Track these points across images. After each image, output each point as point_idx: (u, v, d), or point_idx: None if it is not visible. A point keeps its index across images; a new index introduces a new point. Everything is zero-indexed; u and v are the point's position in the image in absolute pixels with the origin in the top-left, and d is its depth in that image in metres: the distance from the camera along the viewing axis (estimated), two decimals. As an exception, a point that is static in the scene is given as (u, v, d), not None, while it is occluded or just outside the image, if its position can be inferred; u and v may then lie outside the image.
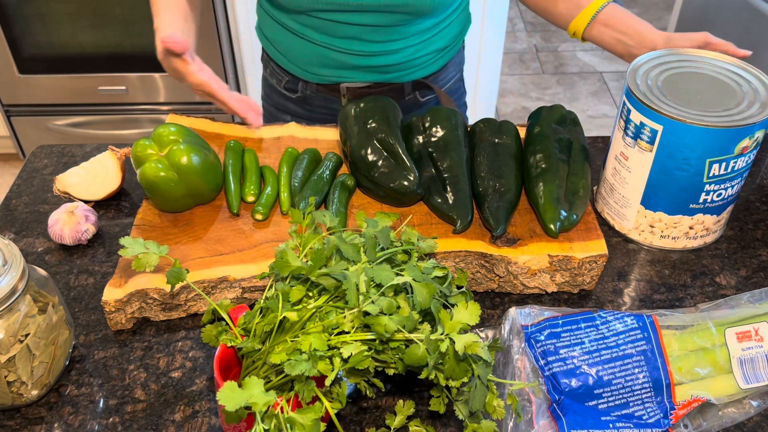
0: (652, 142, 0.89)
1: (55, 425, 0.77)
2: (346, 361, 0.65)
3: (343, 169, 1.02)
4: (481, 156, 0.97)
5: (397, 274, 0.69)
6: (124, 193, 1.06)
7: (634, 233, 0.98)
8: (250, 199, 0.95)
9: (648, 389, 0.74)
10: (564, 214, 0.89)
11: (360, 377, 0.70)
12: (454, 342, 0.64)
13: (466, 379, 0.66)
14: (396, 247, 0.74)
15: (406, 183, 0.92)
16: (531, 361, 0.76)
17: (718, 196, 0.92)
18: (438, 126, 0.98)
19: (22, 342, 0.73)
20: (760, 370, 0.76)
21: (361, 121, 0.98)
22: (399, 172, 0.93)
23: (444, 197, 0.92)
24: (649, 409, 0.73)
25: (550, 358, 0.75)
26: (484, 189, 0.93)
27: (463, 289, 0.75)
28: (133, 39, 2.35)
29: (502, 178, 0.93)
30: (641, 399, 0.74)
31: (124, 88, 2.47)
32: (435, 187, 0.93)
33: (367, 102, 1.01)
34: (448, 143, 0.97)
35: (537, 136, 0.99)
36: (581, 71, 3.33)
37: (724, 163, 0.88)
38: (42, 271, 0.79)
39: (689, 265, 0.96)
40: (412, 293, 0.68)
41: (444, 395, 0.71)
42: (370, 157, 0.95)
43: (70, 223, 0.94)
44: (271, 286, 0.72)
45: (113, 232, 0.99)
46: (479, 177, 0.94)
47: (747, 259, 0.97)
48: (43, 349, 0.76)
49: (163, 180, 0.89)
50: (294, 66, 1.20)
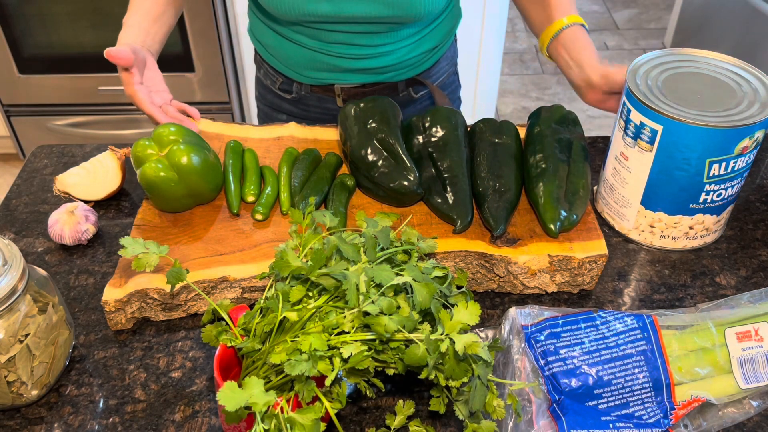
0: (652, 142, 0.89)
1: (55, 425, 0.77)
2: (346, 361, 0.65)
3: (343, 169, 1.02)
4: (481, 156, 0.97)
5: (397, 274, 0.69)
6: (124, 193, 1.06)
7: (634, 233, 0.98)
8: (250, 199, 0.95)
9: (648, 389, 0.74)
10: (564, 214, 0.89)
11: (360, 377, 0.70)
12: (454, 342, 0.64)
13: (466, 379, 0.66)
14: (396, 247, 0.74)
15: (406, 183, 0.92)
16: (531, 361, 0.76)
17: (718, 196, 0.92)
18: (438, 126, 0.98)
19: (22, 342, 0.73)
20: (760, 370, 0.76)
21: (361, 121, 0.98)
22: (399, 172, 0.93)
23: (444, 197, 0.92)
24: (649, 409, 0.73)
25: (550, 358, 0.75)
26: (484, 189, 0.93)
27: (463, 289, 0.75)
28: (133, 39, 2.35)
29: (501, 178, 0.93)
30: (641, 399, 0.74)
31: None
32: (435, 187, 0.93)
33: (366, 102, 1.01)
34: (448, 143, 0.97)
35: (537, 136, 0.99)
36: (581, 71, 3.32)
37: (724, 163, 0.88)
38: (42, 271, 0.79)
39: (689, 265, 0.96)
40: (412, 293, 0.68)
41: (444, 395, 0.71)
42: (370, 157, 0.95)
43: (70, 223, 0.94)
44: (271, 286, 0.72)
45: (113, 232, 0.99)
46: (479, 177, 0.94)
47: (747, 259, 0.97)
48: (43, 349, 0.76)
49: (163, 180, 0.89)
50: (287, 69, 1.20)
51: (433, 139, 0.97)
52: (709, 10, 2.92)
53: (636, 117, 0.90)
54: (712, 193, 0.91)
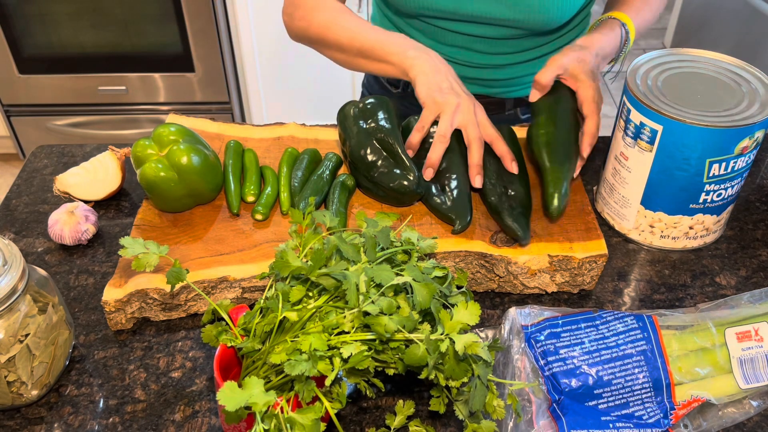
0: (652, 142, 0.89)
1: (55, 425, 0.77)
2: (346, 361, 0.65)
3: (343, 169, 1.02)
4: (487, 162, 0.96)
5: (397, 274, 0.69)
6: (124, 193, 1.06)
7: (634, 233, 0.98)
8: (250, 199, 0.95)
9: (648, 389, 0.74)
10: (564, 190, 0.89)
11: (360, 377, 0.70)
12: (454, 342, 0.64)
13: (466, 379, 0.66)
14: (396, 247, 0.74)
15: (405, 183, 0.92)
16: (531, 361, 0.76)
17: (718, 196, 0.92)
18: (436, 126, 0.98)
19: (22, 342, 0.73)
20: (760, 370, 0.76)
21: (361, 121, 0.98)
22: (399, 171, 0.93)
23: (443, 198, 0.92)
24: (649, 409, 0.73)
25: (550, 358, 0.75)
26: (498, 198, 0.92)
27: (463, 289, 0.75)
28: (133, 39, 2.35)
29: (512, 184, 0.93)
30: (641, 399, 0.74)
31: (124, 88, 2.47)
32: (434, 187, 0.93)
33: (366, 102, 1.00)
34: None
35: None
36: (581, 71, 3.33)
37: (724, 163, 0.88)
38: (42, 271, 0.79)
39: (689, 265, 0.96)
40: (412, 293, 0.68)
41: (444, 395, 0.71)
42: (370, 157, 0.94)
43: (70, 223, 0.94)
44: (271, 286, 0.72)
45: (113, 232, 0.99)
46: (489, 185, 0.93)
47: (747, 259, 0.96)
48: (43, 349, 0.76)
49: (163, 180, 0.89)
50: None
51: (431, 139, 0.97)
52: (709, 10, 2.92)
53: (636, 117, 0.90)
54: (712, 193, 0.91)
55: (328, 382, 0.64)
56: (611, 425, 0.72)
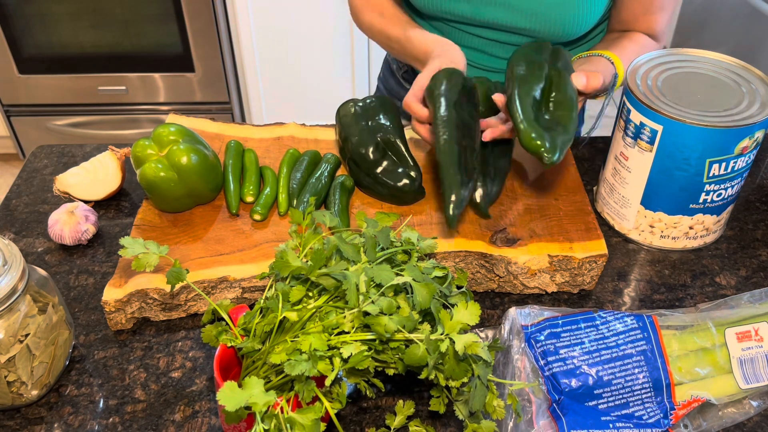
0: (652, 142, 0.89)
1: (55, 425, 0.77)
2: (346, 361, 0.65)
3: (341, 170, 1.02)
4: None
5: (397, 274, 0.69)
6: (124, 193, 1.06)
7: (634, 233, 0.98)
8: (249, 199, 0.95)
9: (648, 389, 0.74)
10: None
11: (360, 377, 0.70)
12: (454, 342, 0.64)
13: (466, 379, 0.66)
14: (396, 247, 0.74)
15: (408, 181, 0.92)
16: (531, 361, 0.76)
17: (718, 196, 0.92)
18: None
19: (22, 342, 0.73)
20: (760, 370, 0.76)
21: (363, 119, 0.98)
22: (402, 170, 0.93)
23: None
24: (649, 409, 0.73)
25: (550, 358, 0.75)
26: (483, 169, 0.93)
27: (463, 289, 0.75)
28: (133, 39, 2.35)
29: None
30: (641, 399, 0.74)
31: (124, 88, 2.47)
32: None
33: (366, 101, 1.00)
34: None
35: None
36: (581, 71, 3.32)
37: (724, 163, 0.88)
38: (42, 271, 0.79)
39: (689, 265, 0.96)
40: (412, 293, 0.68)
41: (444, 395, 0.71)
42: (373, 156, 0.94)
43: (70, 223, 0.94)
44: (271, 286, 0.72)
45: (113, 232, 0.99)
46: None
47: (747, 259, 0.96)
48: (43, 349, 0.76)
49: (163, 180, 0.89)
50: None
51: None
52: (709, 10, 2.92)
53: (636, 117, 0.90)
54: (712, 193, 0.91)
55: (328, 382, 0.64)
56: (611, 425, 0.72)
